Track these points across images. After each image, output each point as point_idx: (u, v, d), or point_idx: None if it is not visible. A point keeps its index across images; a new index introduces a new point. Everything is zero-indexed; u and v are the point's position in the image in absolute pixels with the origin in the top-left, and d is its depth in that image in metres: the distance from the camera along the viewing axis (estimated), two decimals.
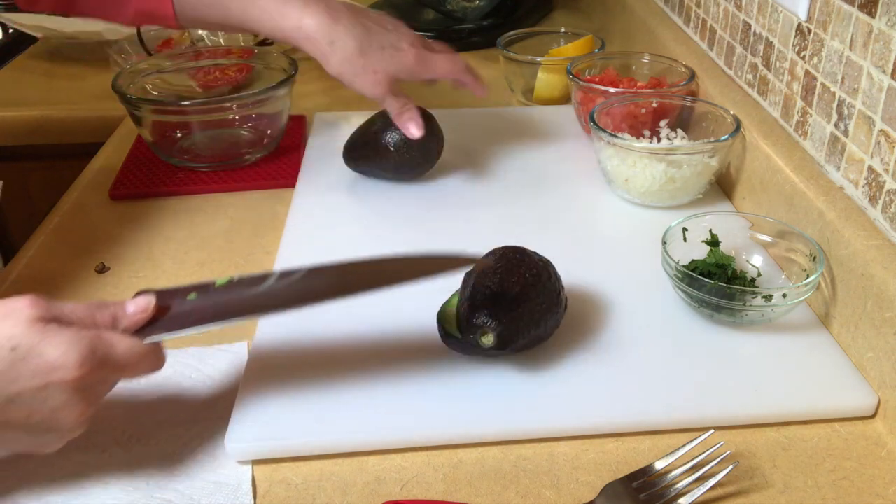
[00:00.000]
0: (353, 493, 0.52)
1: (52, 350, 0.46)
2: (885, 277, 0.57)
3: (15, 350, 0.45)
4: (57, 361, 0.45)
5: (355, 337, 0.64)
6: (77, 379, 0.46)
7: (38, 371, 0.45)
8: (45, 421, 0.47)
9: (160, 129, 0.91)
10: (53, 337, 0.46)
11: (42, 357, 0.45)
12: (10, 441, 0.48)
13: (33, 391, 0.45)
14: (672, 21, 1.10)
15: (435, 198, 0.84)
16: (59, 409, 0.47)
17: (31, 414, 0.46)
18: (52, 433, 0.48)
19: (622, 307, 0.67)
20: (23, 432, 0.47)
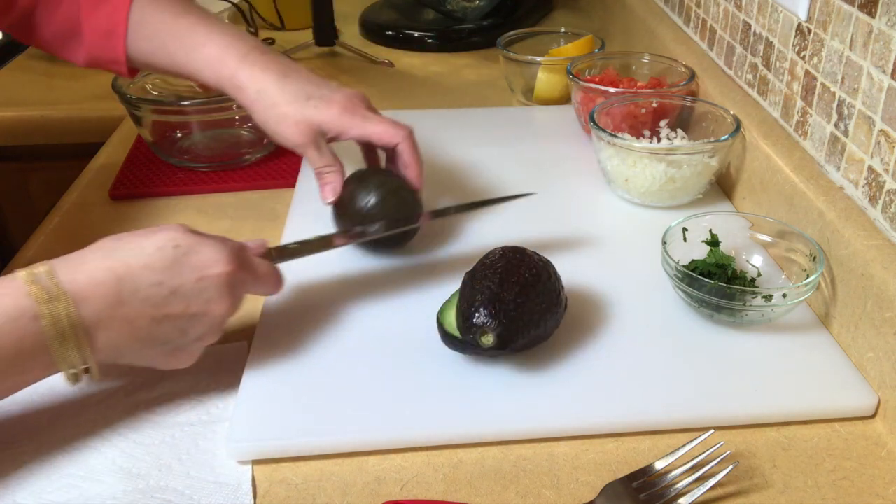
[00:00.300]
0: (353, 493, 0.52)
1: (207, 249, 0.54)
2: (885, 277, 0.57)
3: (177, 248, 0.53)
4: (212, 258, 0.54)
5: (355, 337, 0.64)
6: (228, 273, 0.55)
7: (196, 266, 0.54)
8: (199, 314, 0.54)
9: (160, 129, 0.91)
10: (206, 240, 0.55)
11: (199, 254, 0.54)
12: (165, 339, 0.54)
13: (192, 283, 0.53)
14: (672, 21, 1.10)
15: (434, 198, 0.84)
16: (211, 301, 0.54)
17: (189, 306, 0.53)
18: (199, 329, 0.55)
19: (622, 307, 0.67)
20: (177, 329, 0.54)
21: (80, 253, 0.53)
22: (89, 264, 0.52)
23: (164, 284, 0.52)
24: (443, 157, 0.91)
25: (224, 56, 0.71)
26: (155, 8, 0.73)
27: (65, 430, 0.56)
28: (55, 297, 0.49)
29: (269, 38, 1.35)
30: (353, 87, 0.73)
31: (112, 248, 0.53)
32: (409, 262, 0.73)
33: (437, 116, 1.03)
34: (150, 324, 0.53)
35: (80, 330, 0.50)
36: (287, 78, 0.70)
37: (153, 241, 0.54)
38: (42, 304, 0.49)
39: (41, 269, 0.50)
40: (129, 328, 0.52)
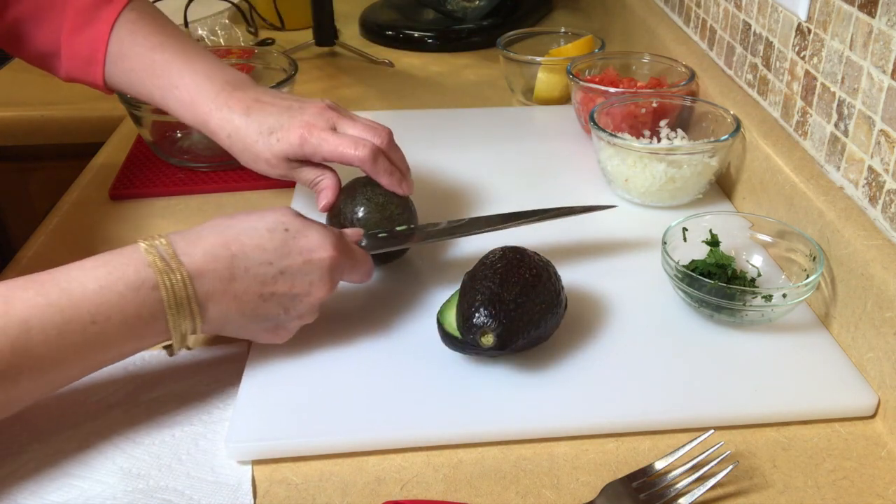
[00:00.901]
0: (353, 493, 0.52)
1: (314, 233, 0.58)
2: (885, 277, 0.57)
3: (287, 231, 0.57)
4: (318, 242, 0.58)
5: (355, 337, 0.64)
6: (332, 258, 0.58)
7: (304, 248, 0.57)
8: (301, 294, 0.57)
9: (160, 129, 0.90)
10: (314, 225, 0.59)
11: (308, 238, 0.57)
12: (268, 315, 0.57)
13: (299, 265, 0.57)
14: (672, 21, 1.10)
15: (434, 198, 0.84)
16: (314, 283, 0.57)
17: (294, 286, 0.57)
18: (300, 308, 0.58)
19: (622, 307, 0.67)
20: (281, 306, 0.57)
21: (195, 229, 0.56)
22: (205, 240, 0.55)
23: (273, 264, 0.56)
24: (442, 158, 0.91)
25: (195, 100, 0.71)
26: (133, 40, 0.73)
27: (65, 431, 0.56)
28: (174, 269, 0.52)
29: (269, 38, 1.35)
30: (352, 88, 0.73)
31: (226, 226, 0.56)
32: (409, 263, 0.73)
33: (437, 116, 1.03)
34: (257, 300, 0.56)
35: (194, 301, 0.53)
36: (250, 114, 0.69)
37: (265, 222, 0.57)
38: (161, 274, 0.52)
39: (160, 241, 0.53)
40: (238, 303, 0.55)
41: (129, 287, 0.51)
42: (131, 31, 0.73)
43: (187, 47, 0.74)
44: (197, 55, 0.73)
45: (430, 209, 0.79)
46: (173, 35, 0.74)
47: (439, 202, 0.83)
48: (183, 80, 0.71)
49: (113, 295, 0.50)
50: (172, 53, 0.72)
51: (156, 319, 0.52)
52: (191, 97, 0.71)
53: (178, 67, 0.72)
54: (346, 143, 0.67)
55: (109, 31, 0.73)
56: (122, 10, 0.73)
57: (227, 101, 0.70)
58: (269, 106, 0.70)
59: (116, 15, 0.73)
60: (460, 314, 0.58)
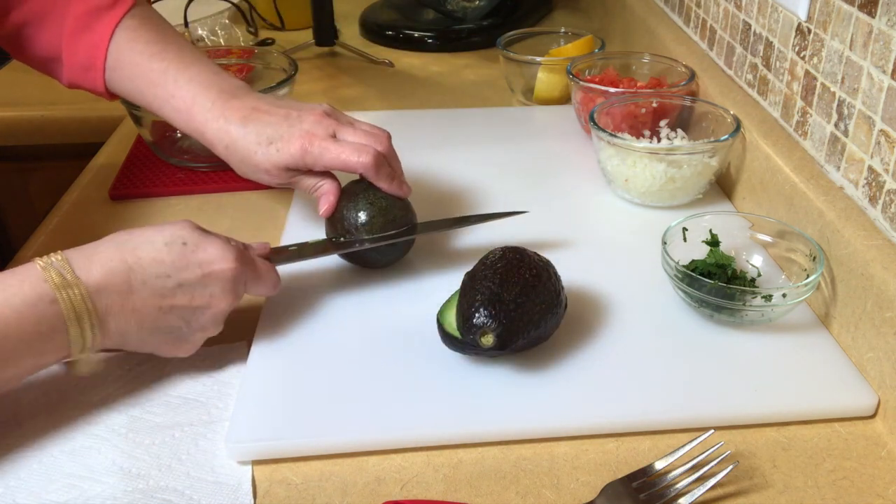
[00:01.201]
0: (353, 493, 0.52)
1: (213, 247, 0.58)
2: (885, 277, 0.57)
3: (185, 244, 0.57)
4: (217, 255, 0.57)
5: (355, 337, 0.64)
6: (232, 270, 0.58)
7: (203, 262, 0.57)
8: (202, 307, 0.57)
9: (160, 129, 0.90)
10: (213, 238, 0.59)
11: (206, 251, 0.57)
12: (169, 328, 0.57)
13: (198, 278, 0.57)
14: (672, 21, 1.10)
15: (434, 198, 0.84)
16: (214, 295, 0.57)
17: (193, 298, 0.57)
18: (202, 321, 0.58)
19: (622, 307, 0.67)
20: (182, 319, 0.57)
21: (93, 244, 0.56)
22: (102, 254, 0.55)
23: (171, 277, 0.56)
24: (442, 158, 0.91)
25: (191, 109, 0.70)
26: (132, 48, 0.72)
27: (65, 430, 0.56)
28: (70, 283, 0.52)
29: (269, 38, 1.35)
30: (352, 88, 0.73)
31: (124, 241, 0.56)
32: (409, 263, 0.73)
33: (437, 116, 1.03)
34: (157, 313, 0.56)
35: (93, 315, 0.53)
36: (247, 124, 0.68)
37: (163, 235, 0.57)
38: (59, 289, 0.52)
39: (56, 258, 0.53)
40: (137, 316, 0.55)
41: (26, 303, 0.51)
42: (130, 39, 0.73)
43: (185, 56, 0.73)
44: (195, 63, 0.73)
45: (430, 209, 0.79)
46: (173, 43, 0.74)
47: (439, 202, 0.83)
48: (179, 89, 0.71)
49: (9, 311, 0.50)
50: (170, 62, 0.72)
51: (55, 334, 0.52)
52: (187, 107, 0.71)
53: (175, 77, 0.71)
54: (348, 151, 0.67)
55: (109, 37, 0.72)
56: (123, 17, 0.73)
57: (223, 112, 0.70)
58: (266, 115, 0.69)
59: (117, 22, 0.72)
60: (460, 314, 0.58)
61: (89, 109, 1.12)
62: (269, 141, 0.68)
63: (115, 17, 0.73)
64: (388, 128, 0.72)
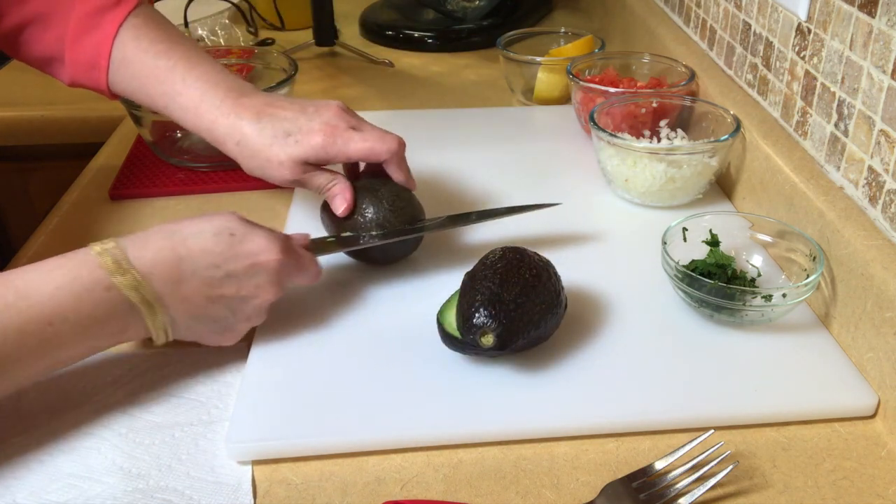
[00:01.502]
0: (353, 493, 0.52)
1: (260, 238, 0.59)
2: (885, 277, 0.57)
3: (233, 235, 0.58)
4: (264, 246, 0.59)
5: (355, 337, 0.64)
6: (277, 261, 0.59)
7: (250, 252, 0.58)
8: (248, 297, 0.58)
9: (160, 129, 0.90)
10: (259, 229, 0.60)
11: (254, 242, 0.58)
12: (216, 317, 0.58)
13: (245, 268, 0.58)
14: (672, 21, 1.10)
15: (434, 198, 0.84)
16: (260, 286, 0.59)
17: (240, 289, 0.58)
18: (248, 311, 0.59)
19: (622, 307, 0.67)
20: (228, 309, 0.58)
21: (143, 234, 0.57)
22: (153, 244, 0.56)
23: (220, 267, 0.57)
24: (443, 158, 0.91)
25: (199, 107, 0.70)
26: (137, 46, 0.72)
27: (65, 430, 0.56)
28: (126, 270, 0.53)
29: (269, 38, 1.35)
30: (353, 88, 0.73)
31: (173, 231, 0.57)
32: (410, 263, 0.73)
33: (437, 116, 1.03)
34: (205, 302, 0.57)
35: (146, 302, 0.54)
36: (262, 119, 0.68)
37: (212, 226, 0.58)
38: (114, 275, 0.53)
39: (111, 245, 0.54)
40: (186, 305, 0.56)
41: (85, 288, 0.52)
42: (135, 37, 0.72)
43: (191, 54, 0.73)
44: (201, 62, 0.73)
45: (430, 209, 0.79)
46: (178, 42, 0.74)
47: (439, 202, 0.83)
48: (187, 87, 0.71)
49: (69, 296, 0.51)
50: (177, 60, 0.72)
51: (110, 320, 0.53)
52: (195, 104, 0.70)
53: (182, 75, 0.71)
54: (372, 139, 0.68)
55: (113, 36, 0.72)
56: (127, 16, 0.72)
57: (233, 108, 0.69)
58: (281, 110, 0.69)
59: (121, 21, 0.72)
60: (460, 314, 0.58)
61: (89, 109, 1.12)
62: (287, 134, 0.68)
63: (120, 15, 0.72)
64: (389, 128, 0.72)
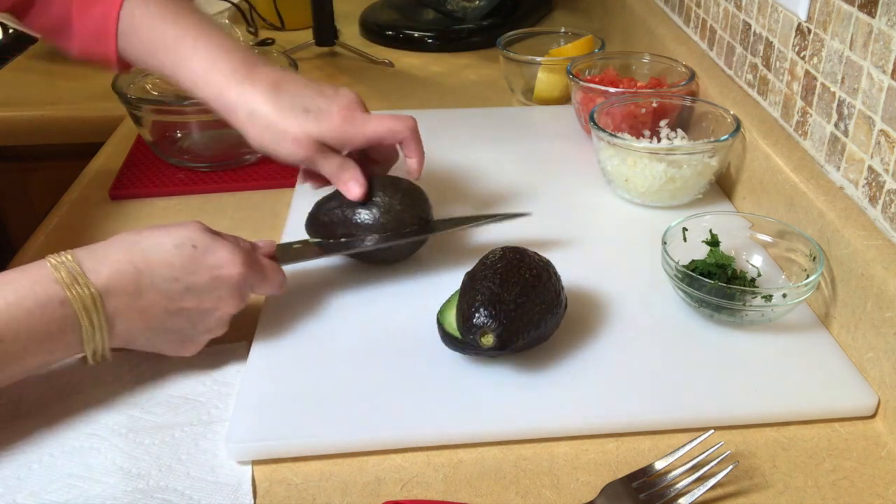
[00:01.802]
0: (353, 493, 0.52)
1: (222, 251, 0.58)
2: (885, 277, 0.57)
3: (195, 248, 0.56)
4: (226, 259, 0.57)
5: (355, 337, 0.64)
6: (240, 275, 0.58)
7: (212, 266, 0.57)
8: (210, 310, 0.58)
9: (160, 129, 0.90)
10: (223, 241, 0.58)
11: (216, 255, 0.57)
12: (175, 329, 0.57)
13: (207, 282, 0.57)
14: (672, 21, 1.10)
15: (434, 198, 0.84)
16: (222, 298, 0.58)
17: (202, 301, 0.57)
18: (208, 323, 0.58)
19: (622, 307, 0.67)
20: (188, 321, 0.57)
21: (102, 245, 0.56)
22: (111, 256, 0.55)
23: (180, 280, 0.56)
24: (443, 158, 0.91)
25: (210, 73, 0.68)
26: (145, 12, 0.70)
27: (65, 430, 0.56)
28: (81, 284, 0.52)
29: (269, 39, 1.35)
30: (353, 88, 0.73)
31: (133, 242, 0.56)
32: (409, 263, 0.73)
33: (437, 116, 1.03)
34: (164, 315, 0.56)
35: (102, 316, 0.53)
36: (280, 91, 0.67)
37: (172, 238, 0.56)
38: (69, 289, 0.52)
39: (67, 258, 0.53)
40: (144, 318, 0.55)
41: (37, 304, 0.51)
42: (144, 3, 0.71)
43: (202, 21, 0.71)
44: (212, 29, 0.70)
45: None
46: (189, 11, 0.72)
47: (439, 202, 0.83)
48: (197, 53, 0.68)
49: (21, 312, 0.51)
50: (187, 28, 0.70)
51: (64, 334, 0.52)
52: (204, 71, 0.68)
53: (192, 41, 0.69)
54: (389, 119, 0.68)
55: (120, 5, 0.70)
56: None
57: (247, 77, 0.67)
58: (298, 87, 0.68)
59: None
60: (460, 314, 0.58)
61: (89, 109, 1.12)
62: (305, 109, 0.66)
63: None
64: None
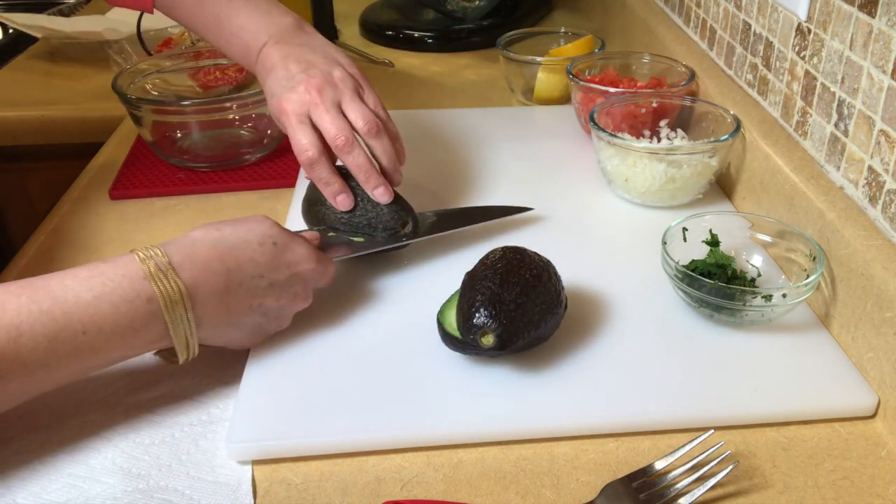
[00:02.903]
0: (353, 493, 0.52)
1: (299, 247, 0.60)
2: (885, 277, 0.57)
3: (276, 244, 0.58)
4: (303, 255, 0.60)
5: (355, 337, 0.64)
6: (312, 270, 0.60)
7: (290, 262, 0.59)
8: (285, 306, 0.59)
9: (160, 129, 0.91)
10: (296, 237, 0.61)
11: (294, 251, 0.59)
12: (251, 324, 0.58)
13: (287, 278, 0.58)
14: (672, 21, 1.10)
15: (435, 198, 0.84)
16: (297, 294, 0.60)
17: (280, 297, 0.58)
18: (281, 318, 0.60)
19: (622, 307, 0.67)
20: (265, 316, 0.58)
21: (189, 240, 0.56)
22: (199, 253, 0.55)
23: (264, 277, 0.57)
24: (443, 157, 0.91)
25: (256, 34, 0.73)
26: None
27: (65, 430, 0.56)
28: (170, 280, 0.53)
29: None
30: None
31: (218, 239, 0.56)
32: (409, 262, 0.73)
33: (437, 116, 1.03)
34: (246, 311, 0.57)
35: (190, 312, 0.53)
36: (288, 60, 0.70)
37: (255, 235, 0.58)
38: (158, 284, 0.52)
39: (156, 252, 0.53)
40: (228, 315, 0.56)
41: (124, 299, 0.51)
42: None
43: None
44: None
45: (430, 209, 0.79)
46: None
47: (439, 202, 0.83)
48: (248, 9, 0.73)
49: (107, 306, 0.51)
50: None
51: (147, 329, 0.53)
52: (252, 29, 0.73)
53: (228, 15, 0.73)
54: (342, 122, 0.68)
55: None
56: None
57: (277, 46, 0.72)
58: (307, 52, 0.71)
59: None
60: (460, 314, 0.58)
61: (89, 109, 1.12)
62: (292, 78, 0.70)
63: None
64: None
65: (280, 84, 0.70)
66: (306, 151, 0.68)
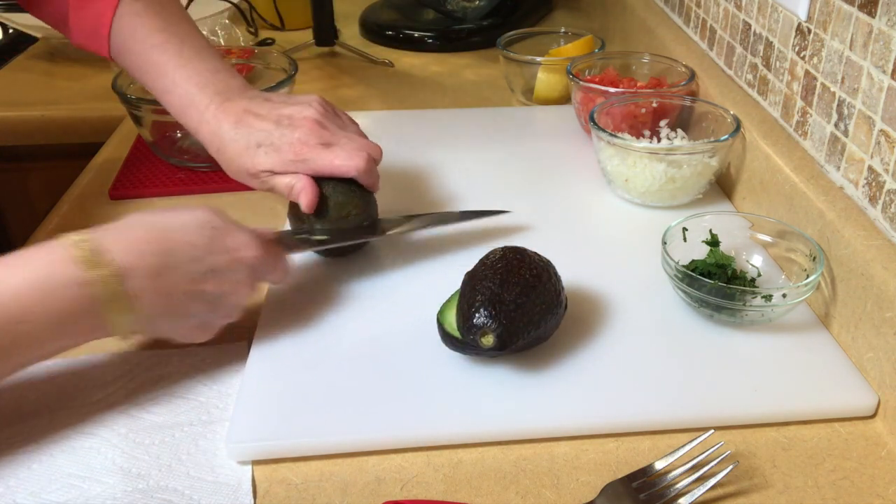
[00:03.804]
0: (353, 493, 0.52)
1: (241, 233, 0.58)
2: (885, 277, 0.57)
3: (215, 229, 0.56)
4: (245, 241, 0.58)
5: (355, 337, 0.64)
6: (256, 258, 0.58)
7: (231, 247, 0.57)
8: (227, 293, 0.57)
9: (160, 129, 0.90)
10: (241, 225, 0.59)
11: (235, 236, 0.58)
12: (194, 313, 0.56)
13: (227, 263, 0.56)
14: (672, 21, 1.10)
15: (435, 198, 0.84)
16: (240, 281, 0.58)
17: (221, 284, 0.56)
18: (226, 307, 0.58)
19: (622, 307, 0.67)
20: (207, 305, 0.56)
21: (121, 225, 0.55)
22: (132, 235, 0.54)
23: (202, 261, 0.55)
24: (442, 158, 0.91)
25: (188, 108, 0.71)
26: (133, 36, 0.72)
27: (65, 430, 0.56)
28: (102, 265, 0.51)
29: (269, 39, 1.35)
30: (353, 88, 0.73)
31: (153, 223, 0.55)
32: (409, 263, 0.73)
33: (437, 116, 1.03)
34: (185, 297, 0.55)
35: (124, 298, 0.52)
36: (239, 127, 0.69)
37: (194, 219, 0.56)
38: (90, 270, 0.50)
39: (87, 238, 0.52)
40: (166, 300, 0.54)
41: (58, 285, 0.50)
42: (132, 26, 0.72)
43: (184, 49, 0.73)
44: (193, 58, 0.72)
45: (429, 209, 0.79)
46: (175, 34, 0.73)
47: (439, 202, 0.83)
48: (177, 84, 0.71)
49: (41, 294, 0.49)
50: (168, 56, 0.72)
51: (86, 317, 0.51)
52: (183, 106, 0.71)
53: (172, 74, 0.71)
54: (342, 157, 0.68)
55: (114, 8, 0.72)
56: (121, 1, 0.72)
57: (216, 114, 0.70)
58: (257, 120, 0.69)
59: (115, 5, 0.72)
60: (460, 314, 0.58)
61: (89, 109, 1.12)
62: (258, 144, 0.68)
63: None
64: (389, 128, 0.72)
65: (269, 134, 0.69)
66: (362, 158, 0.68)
